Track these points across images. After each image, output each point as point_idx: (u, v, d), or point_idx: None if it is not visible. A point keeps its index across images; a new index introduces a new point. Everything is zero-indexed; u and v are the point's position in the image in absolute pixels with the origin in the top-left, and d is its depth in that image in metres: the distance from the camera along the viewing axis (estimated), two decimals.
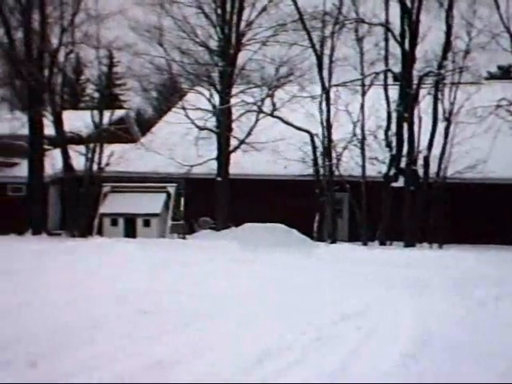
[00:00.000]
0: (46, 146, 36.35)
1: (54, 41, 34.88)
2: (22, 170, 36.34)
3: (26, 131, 35.67)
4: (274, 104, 33.52)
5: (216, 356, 8.75)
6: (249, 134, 33.84)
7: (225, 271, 18.31)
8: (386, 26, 32.03)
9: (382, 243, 30.76)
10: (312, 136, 32.34)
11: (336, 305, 13.12)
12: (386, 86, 32.32)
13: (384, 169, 32.08)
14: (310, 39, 32.52)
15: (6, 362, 8.15)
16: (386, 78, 32.77)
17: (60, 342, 9.26)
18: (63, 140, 34.47)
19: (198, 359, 8.60)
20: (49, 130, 34.85)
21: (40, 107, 34.25)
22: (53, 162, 34.85)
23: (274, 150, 33.37)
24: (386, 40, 32.09)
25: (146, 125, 50.46)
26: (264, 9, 34.00)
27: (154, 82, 39.53)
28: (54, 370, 7.82)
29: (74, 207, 33.38)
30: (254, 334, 10.14)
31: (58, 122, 34.22)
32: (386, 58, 32.29)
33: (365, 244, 30.21)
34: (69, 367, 7.94)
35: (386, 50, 32.14)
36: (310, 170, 32.62)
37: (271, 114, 33.55)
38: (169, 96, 43.68)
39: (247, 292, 14.64)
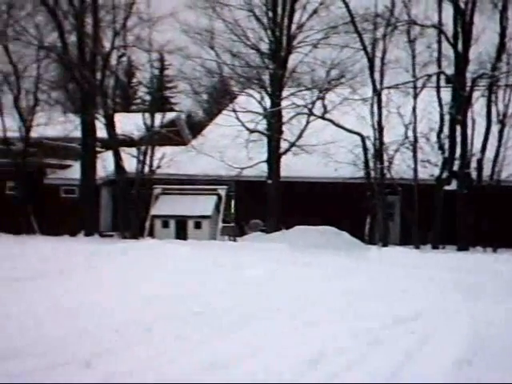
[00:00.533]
0: (99, 149, 36.75)
1: (107, 44, 35.30)
2: (74, 172, 36.77)
3: (78, 134, 36.10)
4: (324, 106, 33.37)
5: (269, 358, 8.72)
6: (299, 136, 33.74)
7: (276, 274, 18.27)
8: (439, 27, 31.66)
9: (435, 247, 30.41)
10: (363, 138, 32.12)
11: (389, 308, 12.99)
12: (438, 89, 31.94)
13: (436, 172, 31.72)
14: (362, 41, 32.32)
15: (62, 362, 8.23)
16: (438, 80, 32.39)
17: (114, 342, 9.34)
18: (115, 142, 34.78)
19: (251, 361, 8.59)
20: (101, 132, 35.22)
21: (92, 110, 34.63)
22: (105, 164, 35.19)
23: (324, 153, 33.20)
24: (439, 42, 31.72)
25: (196, 127, 50.66)
26: (315, 11, 33.89)
27: (205, 85, 39.69)
28: (109, 370, 7.86)
29: (125, 209, 33.64)
30: (308, 337, 10.09)
31: (110, 125, 34.54)
32: (439, 60, 31.91)
33: (417, 247, 29.89)
34: (123, 368, 7.98)
35: (439, 51, 31.77)
36: (361, 173, 32.38)
37: (322, 117, 33.40)
38: (219, 99, 43.84)
39: (299, 294, 14.58)
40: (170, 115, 42.67)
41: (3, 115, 38.12)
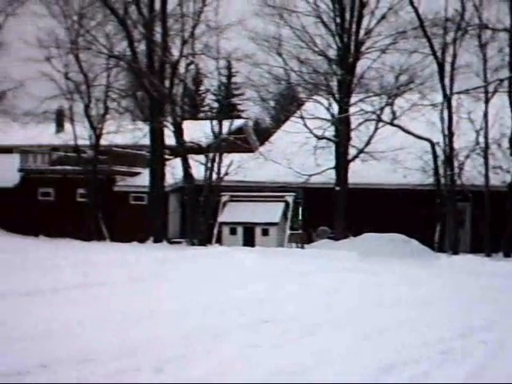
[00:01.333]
0: (167, 156, 37.10)
1: (175, 52, 35.61)
2: (143, 179, 37.19)
3: (147, 141, 36.50)
4: (393, 112, 33.04)
5: (339, 366, 8.62)
6: (368, 143, 33.47)
7: (344, 282, 18.13)
8: (511, 31, 31.08)
9: (507, 255, 29.78)
10: (433, 145, 31.71)
11: (460, 318, 12.75)
12: (510, 93, 31.34)
13: (508, 178, 31.10)
14: (431, 46, 31.93)
15: (134, 367, 8.28)
16: (510, 84, 31.76)
17: (185, 349, 9.35)
18: (183, 150, 35.04)
19: (321, 369, 8.49)
20: (170, 139, 35.54)
21: (161, 118, 34.97)
22: (173, 171, 35.49)
23: (393, 159, 32.85)
24: (511, 46, 31.13)
25: (263, 134, 50.72)
26: (383, 17, 33.61)
27: (273, 92, 39.72)
28: (180, 376, 7.88)
29: (193, 216, 33.85)
30: (378, 346, 9.95)
31: (178, 132, 34.83)
32: (511, 65, 31.31)
33: (488, 255, 29.31)
34: (194, 374, 7.99)
35: (511, 55, 31.17)
36: (431, 180, 31.97)
37: (391, 123, 33.08)
38: (287, 105, 43.83)
39: (369, 303, 14.42)
40: (237, 122, 42.80)
41: (74, 123, 38.82)
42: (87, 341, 9.67)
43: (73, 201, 39.04)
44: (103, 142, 38.29)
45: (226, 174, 34.15)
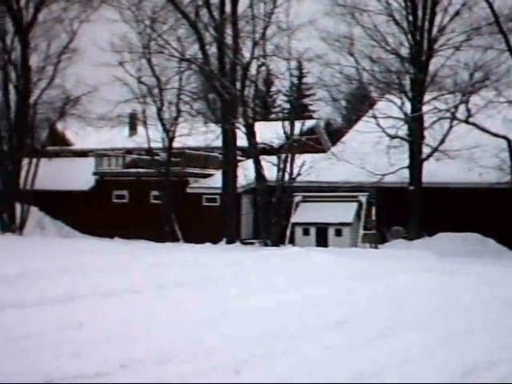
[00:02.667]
0: (239, 157, 37.22)
1: (246, 54, 35.70)
2: (216, 180, 37.40)
3: (219, 143, 36.68)
4: (468, 110, 32.45)
5: (417, 369, 8.46)
6: (442, 141, 32.96)
7: (421, 282, 17.82)
8: None
9: None
10: (510, 142, 31.06)
11: None
12: None
13: None
14: (507, 42, 31.28)
15: (212, 368, 8.27)
16: None
17: (263, 349, 9.31)
18: (255, 151, 35.09)
19: (398, 371, 8.35)
20: (242, 141, 35.64)
21: (233, 119, 35.09)
22: (245, 172, 35.58)
23: (468, 158, 32.25)
24: None
25: (335, 134, 50.47)
26: (457, 13, 33.07)
27: (344, 92, 39.53)
28: (258, 377, 7.83)
29: (266, 217, 33.86)
30: (457, 348, 9.72)
31: (250, 134, 34.89)
32: None
33: None
34: (272, 375, 7.94)
35: None
36: (508, 178, 31.28)
37: (466, 121, 32.50)
38: (358, 105, 43.51)
39: (446, 304, 14.14)
40: (309, 123, 42.69)
41: (147, 126, 39.30)
42: (164, 341, 9.71)
43: (146, 203, 39.55)
44: (176, 144, 38.66)
45: (299, 174, 34.03)
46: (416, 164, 33.05)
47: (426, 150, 33.36)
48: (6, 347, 9.04)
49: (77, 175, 41.48)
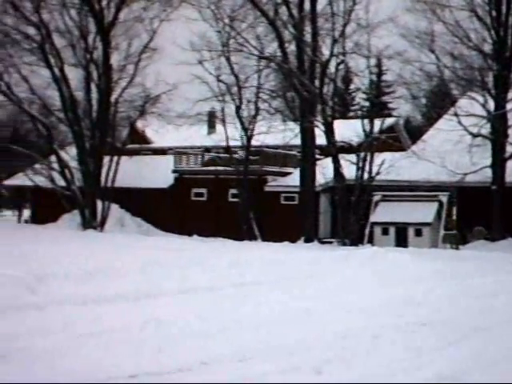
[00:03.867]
0: (318, 156, 37.04)
1: (325, 52, 35.52)
2: (294, 179, 37.31)
3: (298, 141, 36.57)
4: None
5: (502, 370, 8.23)
6: None
7: (504, 285, 17.37)
8: None
9: None
10: None
11: None
12: None
13: None
14: None
15: (293, 367, 8.19)
16: None
17: (344, 349, 9.19)
18: (334, 149, 34.85)
19: (482, 373, 8.15)
20: (320, 139, 35.46)
21: (311, 117, 34.92)
22: (324, 170, 35.36)
23: None
24: None
25: (415, 132, 49.81)
26: None
27: (424, 89, 38.90)
28: (340, 378, 7.72)
29: (344, 216, 33.60)
30: None
31: (329, 132, 34.68)
32: None
33: None
34: (354, 376, 7.83)
35: None
36: None
37: None
38: (439, 103, 42.78)
39: None
40: (388, 121, 42.23)
41: (226, 125, 39.47)
42: (245, 339, 9.68)
43: (225, 201, 39.73)
44: (254, 142, 38.72)
45: (378, 173, 33.64)
46: (499, 163, 32.30)
47: (509, 149, 32.56)
48: (88, 342, 9.14)
49: (156, 173, 41.94)
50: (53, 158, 39.96)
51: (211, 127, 49.80)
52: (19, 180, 45.58)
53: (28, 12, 37.98)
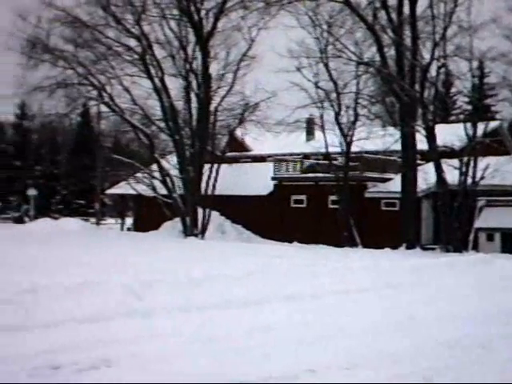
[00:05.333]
0: (419, 161, 36.47)
1: (426, 55, 34.96)
2: (395, 184, 36.83)
3: (398, 147, 36.10)
4: None
5: None
6: None
7: None
8: None
9: None
10: None
11: None
12: None
13: None
14: None
15: (401, 376, 8.03)
16: None
17: (452, 359, 8.98)
18: (436, 154, 34.23)
19: None
20: (421, 144, 34.89)
21: (412, 122, 34.41)
22: (425, 176, 34.76)
23: None
24: None
25: None
26: None
27: None
28: None
29: (447, 222, 32.95)
30: None
31: (430, 136, 34.09)
32: None
33: None
34: None
35: None
36: None
37: None
38: None
39: None
40: (492, 124, 41.16)
41: (325, 131, 39.33)
42: (350, 346, 9.61)
43: (325, 207, 39.56)
44: (354, 148, 38.45)
45: (482, 177, 32.83)
46: None
47: None
48: (195, 348, 9.20)
49: (256, 180, 42.14)
50: (154, 166, 40.67)
51: (310, 134, 49.74)
52: (122, 189, 46.61)
53: (129, 24, 38.89)
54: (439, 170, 33.70)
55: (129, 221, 52.36)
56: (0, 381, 7.36)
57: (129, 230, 49.10)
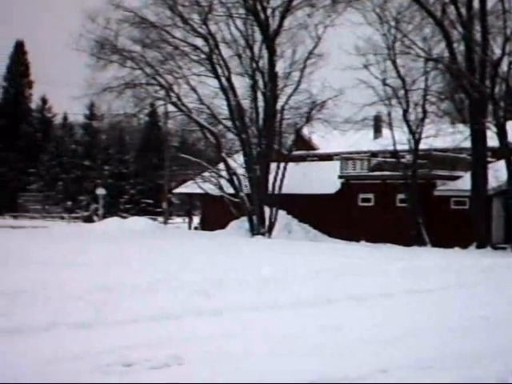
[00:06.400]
0: (489, 158, 35.79)
1: (497, 50, 34.26)
2: (465, 182, 36.21)
3: (468, 144, 35.49)
4: None
5: None
6: None
7: None
8: None
9: None
10: None
11: None
12: None
13: None
14: None
15: (475, 378, 7.86)
16: None
17: None
18: (507, 151, 33.54)
19: None
20: (492, 141, 34.23)
21: (482, 119, 33.78)
22: (496, 174, 34.11)
23: None
24: None
25: None
26: None
27: None
28: None
29: None
30: None
31: (501, 133, 33.43)
32: None
33: None
34: None
35: None
36: None
37: None
38: None
39: None
40: None
41: (393, 129, 38.91)
42: (422, 347, 9.51)
43: (392, 206, 39.17)
44: (422, 146, 37.93)
45: None
46: None
47: None
48: (266, 347, 9.16)
49: (323, 179, 41.96)
50: (221, 165, 40.86)
51: (377, 132, 49.33)
52: (189, 188, 46.95)
53: (196, 24, 39.14)
54: (511, 168, 33.00)
55: (196, 220, 52.75)
56: (75, 378, 7.44)
57: (196, 228, 49.45)
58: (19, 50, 78.68)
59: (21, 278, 12.88)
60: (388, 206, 39.16)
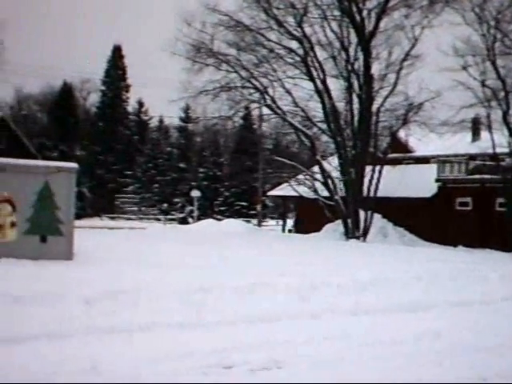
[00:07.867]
0: None
1: None
2: None
3: None
4: None
5: None
6: None
7: None
8: None
9: None
10: None
11: None
12: None
13: None
14: None
15: None
16: None
17: None
18: None
19: None
20: None
21: None
22: None
23: None
24: None
25: None
26: None
27: None
28: None
29: None
30: None
31: None
32: None
33: None
34: None
35: None
36: None
37: None
38: None
39: None
40: None
41: (492, 131, 37.99)
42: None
43: (491, 210, 38.24)
44: None
45: None
46: None
47: None
48: (365, 351, 9.05)
49: (419, 182, 41.27)
50: (315, 168, 40.69)
51: (476, 134, 48.20)
52: (283, 190, 46.95)
53: (291, 27, 39.08)
54: None
55: (289, 222, 52.74)
56: (176, 378, 7.50)
57: (290, 231, 49.44)
58: (117, 54, 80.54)
59: (130, 278, 12.92)
60: (486, 211, 38.25)
